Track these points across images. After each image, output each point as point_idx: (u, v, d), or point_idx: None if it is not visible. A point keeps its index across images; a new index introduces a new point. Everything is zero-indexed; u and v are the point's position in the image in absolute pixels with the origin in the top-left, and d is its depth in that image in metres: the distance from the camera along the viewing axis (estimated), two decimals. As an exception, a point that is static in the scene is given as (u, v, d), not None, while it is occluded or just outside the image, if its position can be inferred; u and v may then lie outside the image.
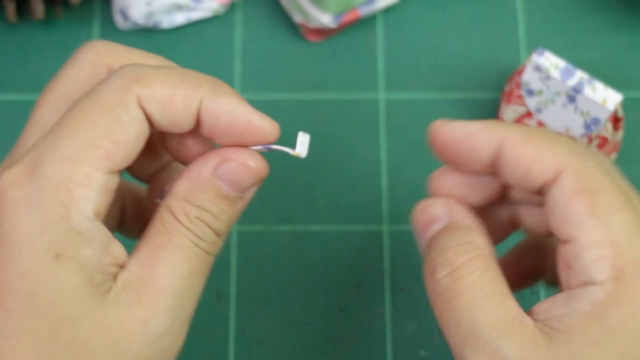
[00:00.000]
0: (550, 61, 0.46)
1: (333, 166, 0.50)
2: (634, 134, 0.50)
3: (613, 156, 0.49)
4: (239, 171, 0.33)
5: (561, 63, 0.46)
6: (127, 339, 0.30)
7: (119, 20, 0.52)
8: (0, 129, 0.51)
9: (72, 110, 0.31)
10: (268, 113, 0.35)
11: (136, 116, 0.31)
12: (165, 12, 0.51)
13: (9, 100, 0.51)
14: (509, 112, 0.48)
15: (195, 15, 0.52)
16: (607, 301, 0.30)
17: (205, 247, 0.32)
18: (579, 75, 0.46)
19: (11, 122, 0.51)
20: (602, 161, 0.33)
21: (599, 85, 0.46)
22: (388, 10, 0.53)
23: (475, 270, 0.32)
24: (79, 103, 0.31)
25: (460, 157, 0.34)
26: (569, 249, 0.31)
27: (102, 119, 0.31)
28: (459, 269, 0.32)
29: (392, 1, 0.52)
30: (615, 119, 0.46)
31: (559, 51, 0.51)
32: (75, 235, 0.30)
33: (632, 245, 0.31)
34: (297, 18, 0.52)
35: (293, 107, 0.51)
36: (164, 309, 0.31)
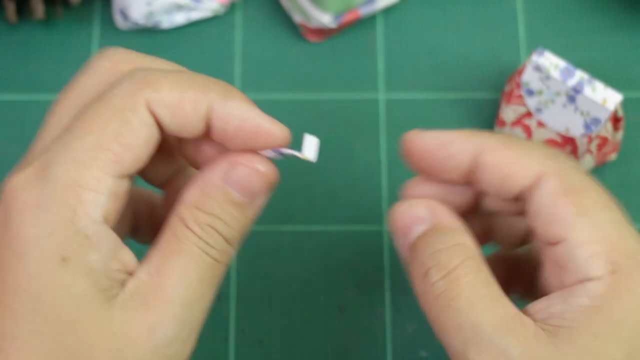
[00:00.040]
0: (550, 61, 0.46)
1: (333, 166, 0.50)
2: (634, 134, 0.50)
3: (613, 156, 0.49)
4: (248, 176, 0.33)
5: (561, 63, 0.46)
6: (133, 346, 0.30)
7: (119, 20, 0.52)
8: (0, 129, 0.51)
9: (82, 114, 0.31)
10: (268, 113, 0.35)
11: (145, 120, 0.31)
12: (165, 12, 0.51)
13: (9, 100, 0.51)
14: (509, 112, 0.48)
15: (195, 15, 0.52)
16: (607, 294, 0.30)
17: (216, 255, 0.32)
18: (579, 75, 0.46)
19: (11, 122, 0.51)
20: (577, 165, 0.33)
21: (599, 85, 0.46)
22: (388, 10, 0.53)
23: (470, 271, 0.32)
24: (89, 107, 0.31)
25: (435, 167, 0.34)
26: (560, 249, 0.31)
27: (111, 122, 0.31)
28: (455, 271, 0.31)
29: (392, 1, 0.52)
30: (615, 119, 0.46)
31: (559, 51, 0.51)
32: (83, 239, 0.30)
33: (624, 239, 0.31)
34: (297, 18, 0.52)
35: (293, 107, 0.51)
36: (171, 316, 0.30)
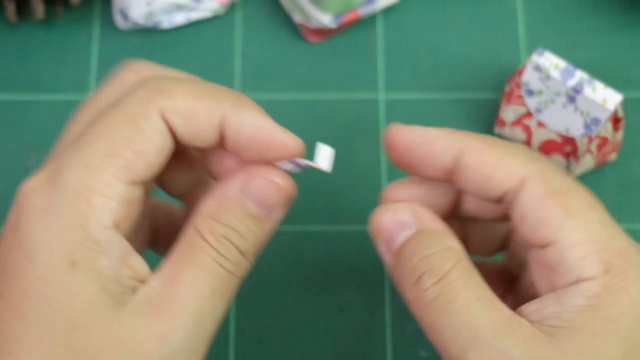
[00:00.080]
0: (550, 61, 0.46)
1: (333, 166, 0.50)
2: (634, 134, 0.50)
3: (613, 156, 0.49)
4: (266, 189, 0.33)
5: (561, 63, 0.46)
6: (141, 353, 0.30)
7: (119, 20, 0.52)
8: (0, 129, 0.51)
9: (96, 121, 0.32)
10: (268, 113, 0.35)
11: (159, 127, 0.31)
12: (165, 12, 0.51)
13: (9, 100, 0.51)
14: (509, 112, 0.48)
15: (195, 15, 0.52)
16: (603, 294, 0.30)
17: (230, 267, 0.32)
18: (579, 75, 0.46)
19: (11, 122, 0.51)
20: (558, 167, 0.33)
21: (599, 85, 0.46)
22: (388, 10, 0.53)
23: (463, 274, 0.31)
24: (103, 114, 0.32)
25: (417, 163, 0.34)
26: (549, 252, 0.31)
27: (124, 129, 0.31)
28: (448, 275, 0.31)
29: (392, 1, 0.52)
30: (615, 119, 0.46)
31: (559, 51, 0.51)
32: (92, 244, 0.30)
33: (613, 238, 0.31)
34: (297, 18, 0.52)
35: (293, 107, 0.51)
36: (182, 326, 0.30)
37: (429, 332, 0.32)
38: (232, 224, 0.32)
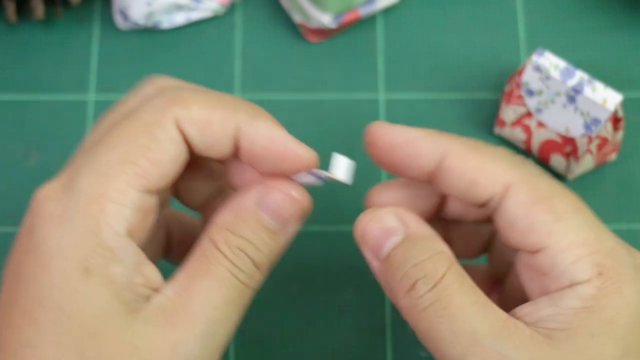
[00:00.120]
0: (550, 61, 0.46)
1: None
2: (634, 134, 0.50)
3: (613, 156, 0.49)
4: (282, 202, 0.33)
5: (561, 63, 0.46)
6: None
7: (119, 21, 0.52)
8: (0, 129, 0.51)
9: (111, 129, 0.32)
10: (268, 113, 0.35)
11: (174, 137, 0.31)
12: (165, 12, 0.51)
13: (9, 100, 0.51)
14: (509, 112, 0.48)
15: (195, 15, 0.52)
16: (597, 295, 0.30)
17: (244, 279, 0.32)
18: (579, 75, 0.46)
19: (11, 122, 0.51)
20: (541, 171, 0.33)
21: (599, 86, 0.46)
22: (388, 10, 0.53)
23: (457, 279, 0.31)
24: (119, 122, 0.32)
25: (399, 164, 0.34)
26: (540, 257, 0.31)
27: (139, 137, 0.31)
28: (442, 281, 0.31)
29: (392, 1, 0.52)
30: (615, 119, 0.46)
31: (559, 51, 0.51)
32: (106, 251, 0.30)
33: (602, 239, 0.31)
34: (297, 18, 0.52)
35: (293, 107, 0.51)
36: (195, 335, 0.30)
37: (425, 339, 0.31)
38: (248, 236, 0.32)
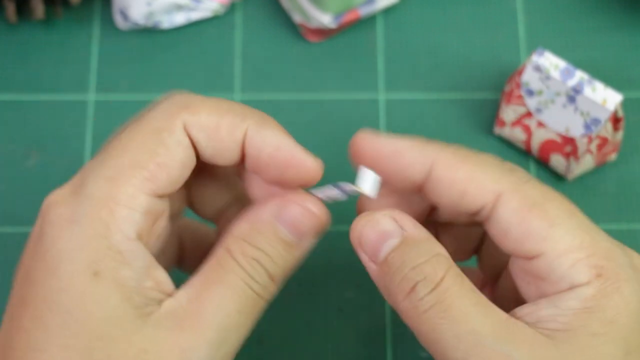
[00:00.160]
0: (550, 61, 0.46)
1: (333, 166, 0.50)
2: (634, 134, 0.50)
3: (613, 156, 0.49)
4: (299, 216, 0.33)
5: (561, 63, 0.46)
6: None
7: (119, 20, 0.52)
8: (0, 129, 0.51)
9: (120, 134, 0.32)
10: (268, 113, 0.35)
11: (182, 141, 0.32)
12: (165, 12, 0.51)
13: (9, 100, 0.51)
14: (509, 112, 0.48)
15: (195, 15, 0.52)
16: (597, 296, 0.30)
17: (258, 289, 0.32)
18: (579, 75, 0.46)
19: (11, 122, 0.51)
20: (531, 177, 0.33)
21: (599, 86, 0.46)
22: (388, 10, 0.53)
23: (456, 280, 0.31)
24: (128, 127, 0.32)
25: (386, 176, 0.34)
26: (537, 263, 0.31)
27: (148, 142, 0.31)
28: (442, 283, 0.31)
29: (392, 1, 0.52)
30: (615, 119, 0.46)
31: (559, 51, 0.51)
32: (115, 254, 0.30)
33: (598, 241, 0.31)
34: (297, 18, 0.52)
35: (293, 107, 0.51)
36: (205, 341, 0.30)
37: (426, 341, 0.31)
38: (264, 248, 0.32)
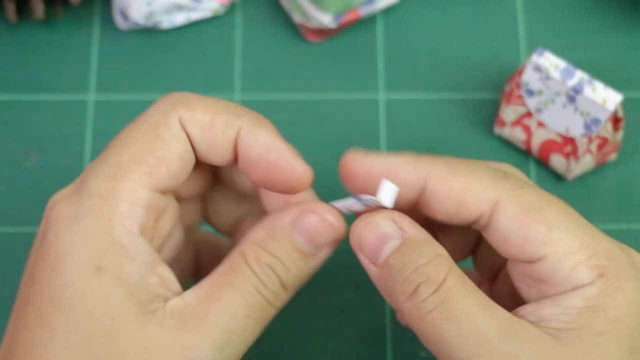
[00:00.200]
0: (550, 61, 0.46)
1: (333, 166, 0.50)
2: (634, 134, 0.50)
3: (613, 156, 0.49)
4: (317, 226, 0.33)
5: (561, 63, 0.46)
6: None
7: (119, 20, 0.52)
8: (0, 129, 0.51)
9: (120, 133, 0.32)
10: (268, 113, 0.35)
11: (179, 134, 0.32)
12: (165, 12, 0.51)
13: (9, 100, 0.51)
14: (509, 112, 0.48)
15: (195, 15, 0.52)
16: (600, 295, 0.31)
17: (268, 296, 0.32)
18: (579, 75, 0.46)
19: (11, 122, 0.51)
20: (526, 180, 0.33)
21: (599, 86, 0.46)
22: (388, 10, 0.53)
23: (459, 281, 0.31)
24: (126, 126, 0.32)
25: None
26: (539, 266, 0.31)
27: (145, 137, 0.32)
28: (445, 283, 0.31)
29: (392, 1, 0.52)
30: (615, 119, 0.46)
31: (559, 51, 0.51)
32: (118, 249, 0.30)
33: (597, 241, 0.32)
34: (297, 18, 0.52)
35: (293, 107, 0.51)
36: (208, 342, 0.30)
37: (430, 342, 0.31)
38: (278, 255, 0.32)
